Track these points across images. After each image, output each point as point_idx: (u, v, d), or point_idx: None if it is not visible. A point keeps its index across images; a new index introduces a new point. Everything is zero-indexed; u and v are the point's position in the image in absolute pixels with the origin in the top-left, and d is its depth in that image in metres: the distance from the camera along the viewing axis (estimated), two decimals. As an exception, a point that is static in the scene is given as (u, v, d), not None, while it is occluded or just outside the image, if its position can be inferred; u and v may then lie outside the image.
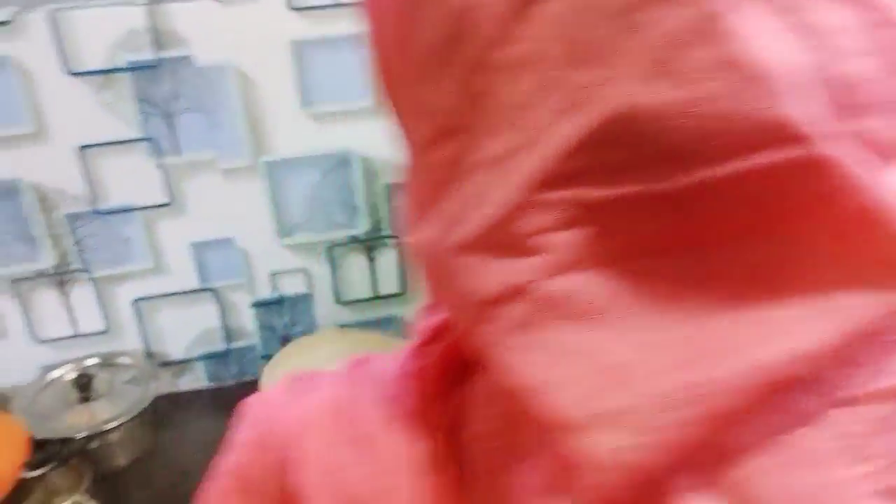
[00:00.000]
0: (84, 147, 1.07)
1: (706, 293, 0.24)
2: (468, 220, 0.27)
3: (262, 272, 1.21)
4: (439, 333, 0.38)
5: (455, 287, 0.28)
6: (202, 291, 1.20)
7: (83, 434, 1.05)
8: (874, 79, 0.23)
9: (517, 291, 0.26)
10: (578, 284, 0.25)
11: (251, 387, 1.26)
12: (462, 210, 0.27)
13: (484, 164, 0.26)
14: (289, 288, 1.23)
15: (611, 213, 0.25)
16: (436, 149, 0.28)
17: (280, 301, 1.24)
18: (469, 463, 0.34)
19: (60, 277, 1.15)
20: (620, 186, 0.24)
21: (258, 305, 1.23)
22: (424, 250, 0.30)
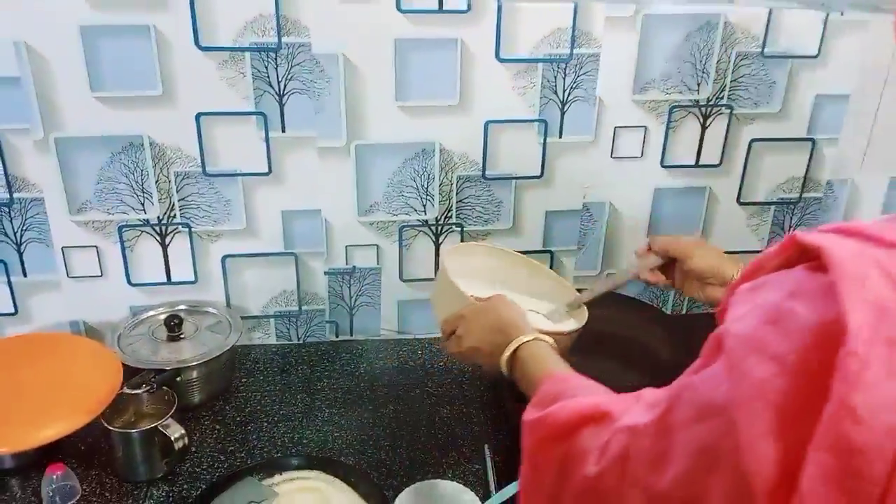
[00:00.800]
0: (202, 114, 1.21)
1: None
2: None
3: (339, 244, 1.34)
4: None
5: None
6: (284, 255, 1.33)
7: (171, 367, 1.18)
8: None
9: None
10: None
11: (314, 347, 1.39)
12: None
13: None
14: (361, 261, 1.36)
15: None
16: None
17: (352, 272, 1.36)
18: None
19: (163, 229, 1.29)
20: None
21: (331, 273, 1.36)
22: None
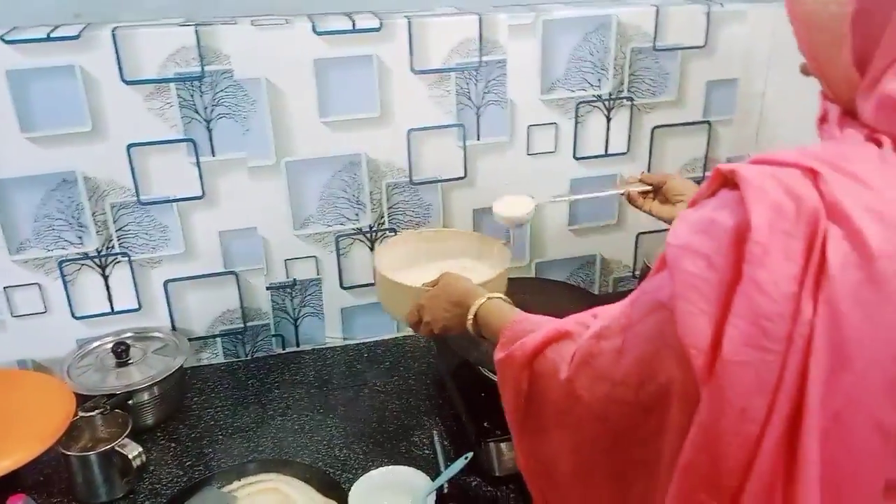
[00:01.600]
0: (132, 145, 1.25)
1: None
2: None
3: (278, 259, 1.39)
4: None
5: None
6: (225, 275, 1.38)
7: (122, 391, 1.21)
8: None
9: None
10: None
11: (262, 362, 1.44)
12: None
13: None
14: (301, 273, 1.42)
15: None
16: None
17: (293, 285, 1.42)
18: None
19: (102, 260, 1.32)
20: None
21: (273, 288, 1.41)
22: None
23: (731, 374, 0.54)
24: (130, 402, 1.22)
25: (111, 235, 1.31)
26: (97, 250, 1.31)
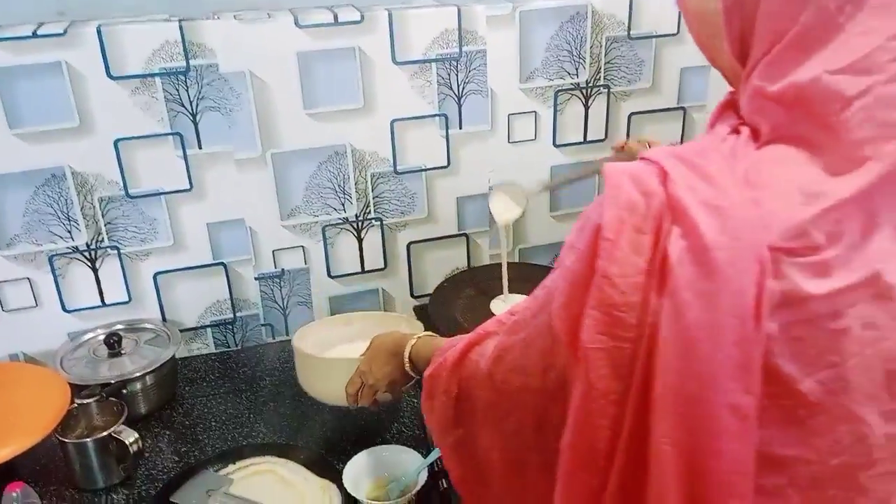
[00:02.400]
0: (119, 140, 1.27)
1: None
2: None
3: (266, 249, 1.42)
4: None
5: None
6: (214, 266, 1.40)
7: (116, 380, 1.23)
8: None
9: None
10: None
11: (252, 351, 1.46)
12: None
13: None
14: (288, 263, 1.44)
15: None
16: None
17: (281, 274, 1.45)
18: None
19: (92, 253, 1.34)
20: None
21: (262, 278, 1.44)
22: None
23: (591, 360, 0.59)
24: (124, 392, 1.24)
25: (100, 229, 1.32)
26: (87, 244, 1.33)
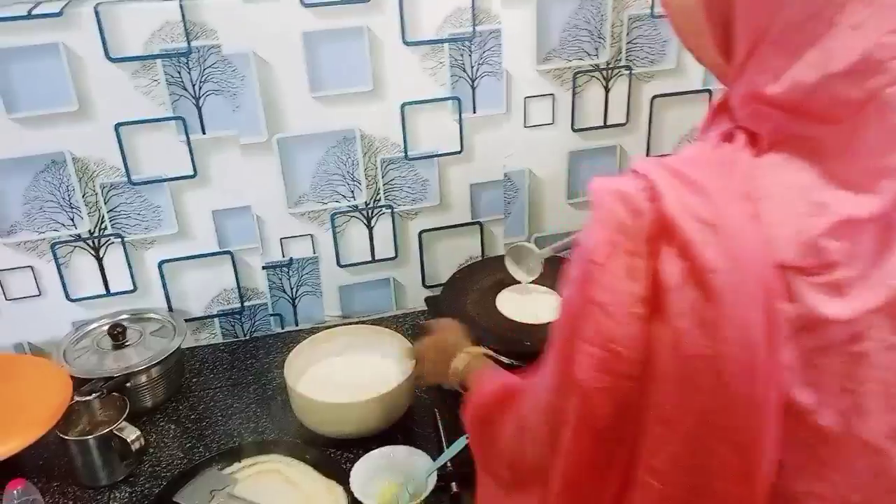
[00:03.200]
0: (120, 124, 1.23)
1: None
2: None
3: (274, 237, 1.38)
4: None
5: None
6: (220, 254, 1.36)
7: (120, 374, 1.20)
8: None
9: None
10: None
11: (261, 342, 1.43)
12: None
13: None
14: (297, 252, 1.40)
15: None
16: None
17: (289, 263, 1.40)
18: None
19: (95, 241, 1.30)
20: None
21: (269, 267, 1.40)
22: None
23: (592, 400, 0.55)
24: (128, 385, 1.21)
25: (103, 216, 1.29)
26: (90, 232, 1.29)
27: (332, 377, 1.25)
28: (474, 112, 1.37)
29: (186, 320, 1.38)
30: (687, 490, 0.53)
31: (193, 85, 1.23)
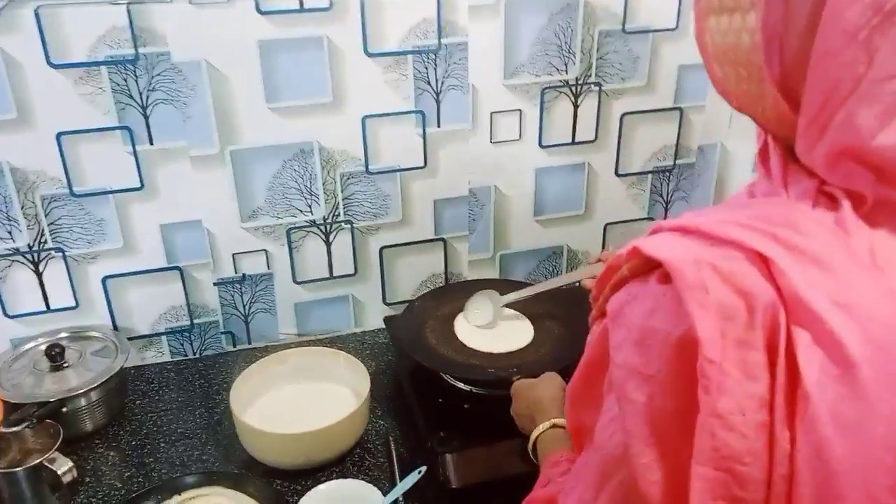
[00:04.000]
0: (62, 134, 1.16)
1: None
2: None
3: (225, 253, 1.31)
4: None
5: None
6: (169, 270, 1.30)
7: (55, 398, 1.13)
8: None
9: None
10: None
11: (211, 360, 1.37)
12: None
13: None
14: (250, 268, 1.34)
15: None
16: None
17: (242, 280, 1.34)
18: None
19: (35, 255, 1.23)
20: None
21: (221, 284, 1.34)
22: None
23: None
24: (65, 410, 1.14)
25: (43, 230, 1.21)
26: (29, 245, 1.22)
27: (282, 404, 1.19)
28: (439, 126, 1.32)
29: (132, 338, 1.32)
30: None
31: (141, 94, 1.16)
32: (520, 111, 1.35)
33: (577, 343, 0.61)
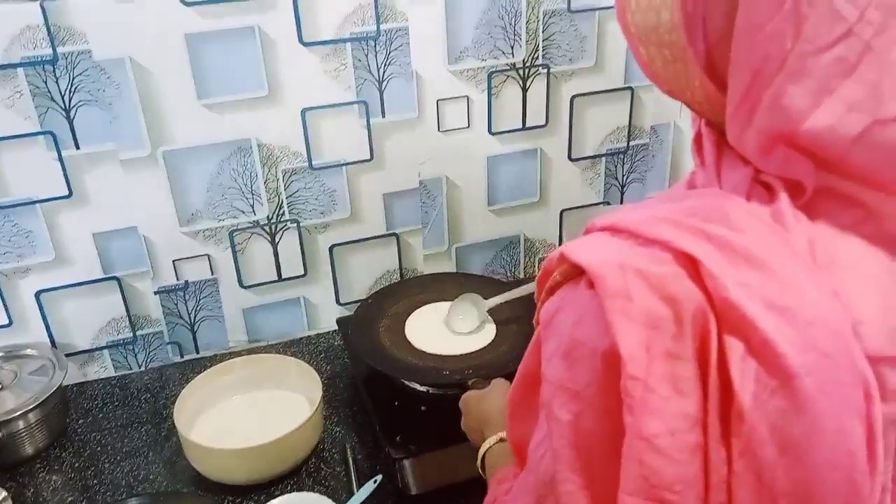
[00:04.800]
0: (-21, 141, 1.09)
1: None
2: None
3: (165, 259, 1.25)
4: None
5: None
6: (105, 281, 1.23)
7: (-10, 422, 1.07)
8: None
9: None
10: None
11: (158, 373, 1.30)
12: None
13: None
14: (192, 274, 1.28)
15: None
16: None
17: (185, 287, 1.28)
18: None
19: (-41, 272, 1.16)
20: None
21: (162, 292, 1.27)
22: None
23: None
24: (1, 434, 1.08)
25: (-35, 245, 1.14)
26: (-48, 262, 1.15)
27: (232, 416, 1.14)
28: (383, 116, 1.27)
29: (71, 354, 1.25)
30: None
31: (63, 95, 1.09)
32: (467, 97, 1.31)
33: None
